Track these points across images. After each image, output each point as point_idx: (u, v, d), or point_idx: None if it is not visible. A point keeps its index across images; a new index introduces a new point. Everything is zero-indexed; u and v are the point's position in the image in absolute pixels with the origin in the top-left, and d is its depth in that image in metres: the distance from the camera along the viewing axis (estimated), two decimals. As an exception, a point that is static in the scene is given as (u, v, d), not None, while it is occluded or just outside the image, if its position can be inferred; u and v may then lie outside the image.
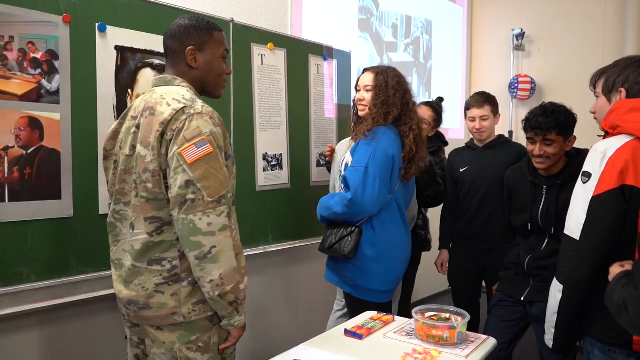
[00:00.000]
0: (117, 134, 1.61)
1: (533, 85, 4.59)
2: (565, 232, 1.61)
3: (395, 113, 2.12)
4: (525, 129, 2.12)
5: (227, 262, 1.41)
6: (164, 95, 1.48)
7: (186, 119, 1.41)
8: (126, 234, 1.54)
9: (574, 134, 2.10)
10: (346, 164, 2.14)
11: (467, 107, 2.77)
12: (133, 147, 1.50)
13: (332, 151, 2.67)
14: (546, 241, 2.10)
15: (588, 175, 1.54)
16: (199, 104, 1.46)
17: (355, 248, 2.05)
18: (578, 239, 1.54)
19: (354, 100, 2.31)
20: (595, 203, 1.50)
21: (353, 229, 2.07)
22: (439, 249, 2.91)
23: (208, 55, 1.58)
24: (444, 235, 2.89)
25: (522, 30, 4.67)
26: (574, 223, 1.56)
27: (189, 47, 1.54)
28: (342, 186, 2.14)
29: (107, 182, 1.65)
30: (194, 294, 1.48)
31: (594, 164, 1.52)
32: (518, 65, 4.80)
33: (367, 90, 2.19)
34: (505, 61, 4.85)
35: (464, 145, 2.92)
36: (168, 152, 1.42)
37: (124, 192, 1.54)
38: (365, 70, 2.27)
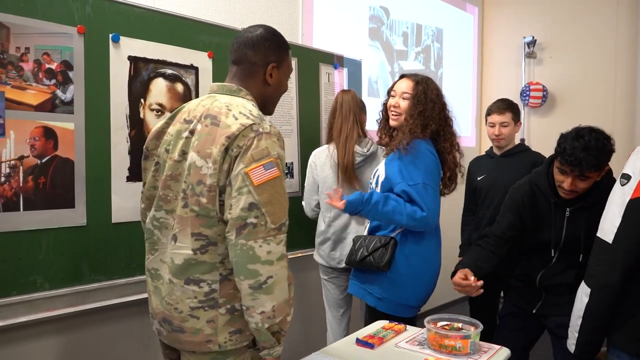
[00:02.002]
0: (162, 134, 1.50)
1: (545, 93, 4.56)
2: (598, 234, 1.55)
3: (433, 127, 2.03)
4: (560, 161, 1.87)
5: (281, 293, 1.31)
6: (229, 106, 1.40)
7: (254, 137, 1.33)
8: (166, 244, 1.45)
9: (608, 165, 1.89)
10: (378, 176, 2.10)
11: (488, 113, 2.79)
12: (183, 153, 1.41)
13: None
14: (557, 255, 2.03)
15: (627, 178, 1.48)
16: (267, 123, 1.38)
17: (390, 260, 1.98)
18: (611, 242, 1.48)
19: (384, 104, 2.21)
20: (632, 206, 1.44)
21: (388, 240, 2.00)
22: (459, 256, 2.93)
23: (282, 74, 1.53)
24: (464, 243, 2.92)
25: (533, 37, 4.66)
26: (608, 225, 1.50)
27: (272, 63, 1.49)
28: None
29: (144, 183, 1.55)
30: (232, 322, 1.38)
31: (634, 167, 1.47)
32: (529, 72, 4.78)
33: (404, 98, 2.08)
34: (517, 69, 4.83)
35: (484, 153, 2.94)
36: (230, 169, 1.33)
37: (167, 199, 1.44)
38: (402, 76, 2.16)
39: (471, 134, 5.05)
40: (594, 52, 4.43)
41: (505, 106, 2.74)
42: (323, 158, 2.56)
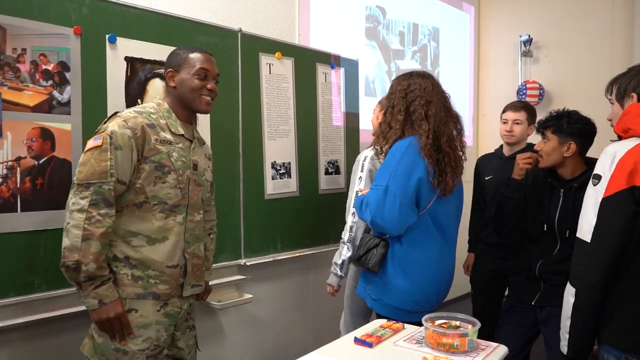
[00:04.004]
0: None
1: (541, 91, 4.57)
2: (577, 235, 1.60)
3: (400, 119, 1.94)
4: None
5: (72, 238, 1.55)
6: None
7: (109, 121, 1.67)
8: None
9: (574, 142, 1.99)
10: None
11: (504, 110, 2.83)
12: None
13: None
14: (558, 247, 2.07)
15: (598, 178, 1.54)
16: (127, 111, 1.70)
17: (380, 262, 1.94)
18: (589, 241, 1.53)
19: None
20: (606, 204, 1.50)
21: (378, 241, 1.96)
22: (467, 251, 3.00)
23: (184, 74, 1.77)
24: (472, 239, 2.98)
25: (529, 36, 4.67)
26: (586, 226, 1.55)
27: (167, 70, 1.79)
28: None
29: None
30: None
31: (604, 166, 1.53)
32: (526, 71, 4.79)
33: None
34: (513, 67, 4.84)
35: (493, 151, 2.95)
36: None
37: None
38: None
39: (468, 133, 5.06)
40: (590, 50, 4.44)
41: (521, 105, 2.81)
42: (360, 161, 2.41)
